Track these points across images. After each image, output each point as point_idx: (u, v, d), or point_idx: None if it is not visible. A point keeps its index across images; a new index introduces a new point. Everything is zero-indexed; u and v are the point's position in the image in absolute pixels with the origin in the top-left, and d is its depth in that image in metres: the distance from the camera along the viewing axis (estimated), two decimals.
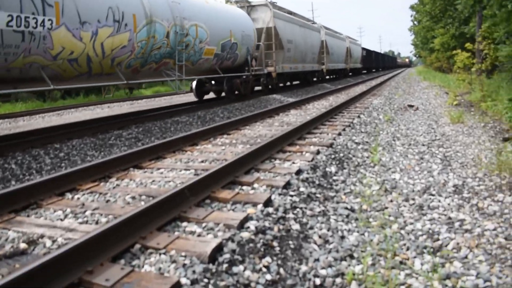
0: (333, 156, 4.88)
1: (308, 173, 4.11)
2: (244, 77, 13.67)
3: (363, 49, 42.39)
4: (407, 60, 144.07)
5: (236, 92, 13.65)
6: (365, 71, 44.43)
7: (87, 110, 14.92)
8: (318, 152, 5.02)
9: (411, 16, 41.99)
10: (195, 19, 10.28)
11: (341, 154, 5.03)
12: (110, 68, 7.97)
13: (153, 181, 4.07)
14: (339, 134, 6.37)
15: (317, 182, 3.93)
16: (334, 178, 4.17)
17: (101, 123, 8.49)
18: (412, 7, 39.65)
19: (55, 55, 6.58)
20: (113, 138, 7.01)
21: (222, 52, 11.76)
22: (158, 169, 4.58)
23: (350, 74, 35.02)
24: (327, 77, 27.35)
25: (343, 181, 4.08)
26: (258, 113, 8.65)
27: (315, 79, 23.96)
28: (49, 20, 6.25)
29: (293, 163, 4.57)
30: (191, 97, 16.27)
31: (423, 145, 5.62)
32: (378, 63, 56.22)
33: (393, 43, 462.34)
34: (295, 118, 8.77)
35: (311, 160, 4.65)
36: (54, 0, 6.31)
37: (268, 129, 7.21)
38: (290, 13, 19.45)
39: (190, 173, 4.32)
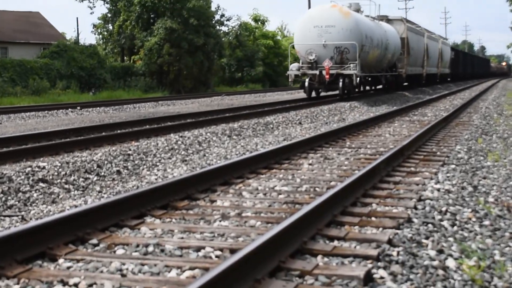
0: None
1: None
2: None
3: (452, 49, 37.96)
4: (504, 64, 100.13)
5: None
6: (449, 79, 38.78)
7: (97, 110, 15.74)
8: None
9: None
10: (391, 40, 24.98)
11: None
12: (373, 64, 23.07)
13: None
14: None
15: None
16: None
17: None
18: None
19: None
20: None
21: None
22: None
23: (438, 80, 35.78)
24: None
25: None
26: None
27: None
28: (369, 46, 21.38)
29: None
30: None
31: None
32: (466, 69, 47.47)
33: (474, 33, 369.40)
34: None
35: None
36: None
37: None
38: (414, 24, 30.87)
39: None
